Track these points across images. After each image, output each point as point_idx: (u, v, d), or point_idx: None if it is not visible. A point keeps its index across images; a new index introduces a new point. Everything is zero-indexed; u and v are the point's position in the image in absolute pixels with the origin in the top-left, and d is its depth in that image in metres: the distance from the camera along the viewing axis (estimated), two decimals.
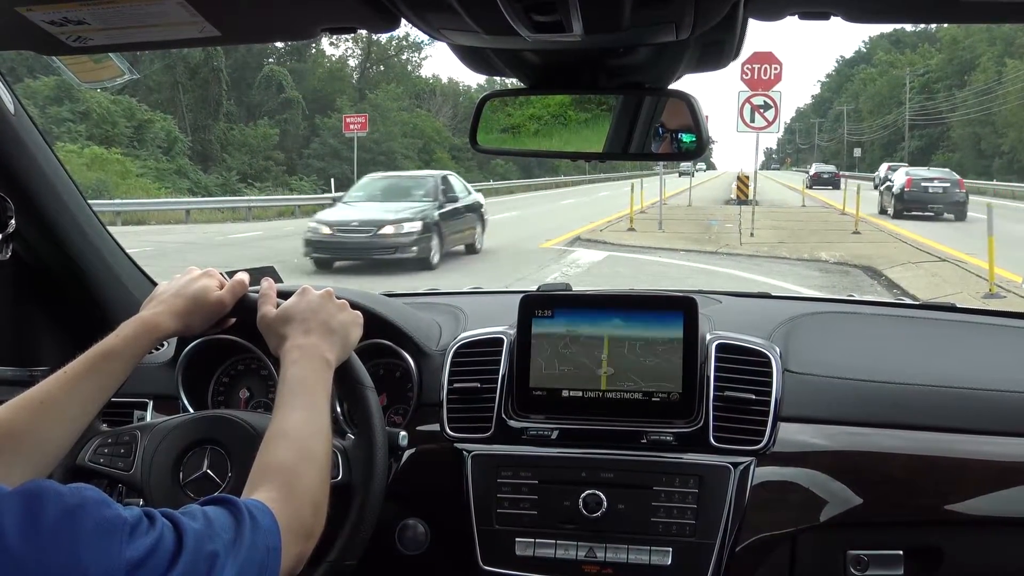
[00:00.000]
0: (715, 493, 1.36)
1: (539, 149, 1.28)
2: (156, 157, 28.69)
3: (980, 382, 1.48)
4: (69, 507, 0.67)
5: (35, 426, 1.04)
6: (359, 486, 1.19)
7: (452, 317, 1.70)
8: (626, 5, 0.92)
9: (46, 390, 1.07)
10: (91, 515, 0.67)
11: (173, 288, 1.21)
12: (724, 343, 1.47)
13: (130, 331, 1.14)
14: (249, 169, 33.51)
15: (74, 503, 0.68)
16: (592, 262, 12.86)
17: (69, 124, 25.66)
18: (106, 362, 1.11)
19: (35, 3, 0.99)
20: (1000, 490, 1.37)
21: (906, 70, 66.71)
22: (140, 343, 1.14)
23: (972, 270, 11.25)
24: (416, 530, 1.47)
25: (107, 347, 1.12)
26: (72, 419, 1.08)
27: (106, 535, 0.67)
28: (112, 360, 1.11)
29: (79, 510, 0.67)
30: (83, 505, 0.68)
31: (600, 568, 1.36)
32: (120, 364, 1.12)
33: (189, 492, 1.22)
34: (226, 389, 1.64)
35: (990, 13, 1.12)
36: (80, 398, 1.08)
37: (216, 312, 1.21)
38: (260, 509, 0.86)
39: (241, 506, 0.84)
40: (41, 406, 1.05)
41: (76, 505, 0.68)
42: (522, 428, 1.47)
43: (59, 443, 1.08)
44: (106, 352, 1.11)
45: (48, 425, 1.05)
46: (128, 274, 1.72)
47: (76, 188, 1.59)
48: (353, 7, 1.01)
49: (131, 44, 1.16)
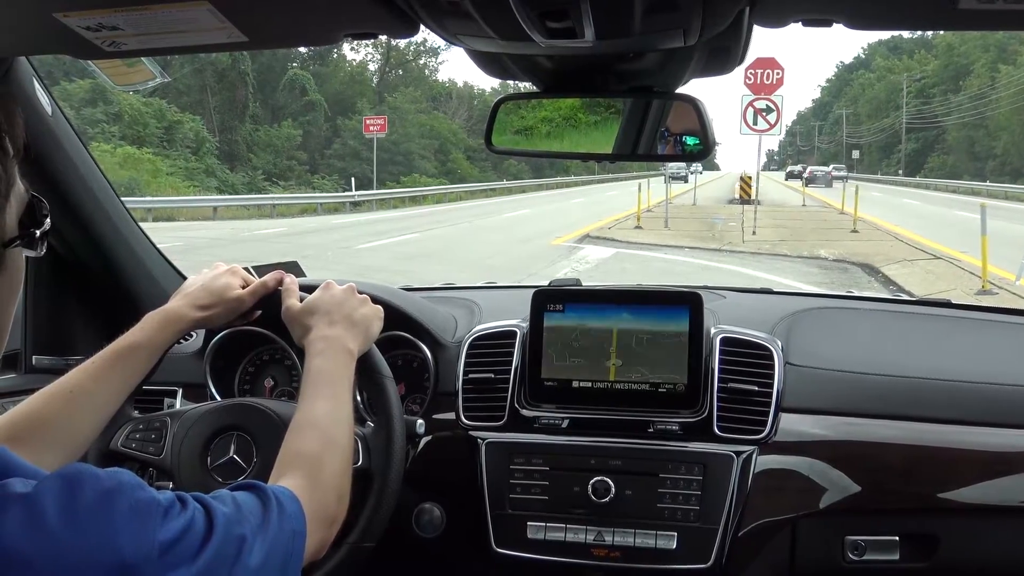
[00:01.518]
0: (719, 480, 1.39)
1: (551, 150, 1.31)
2: (185, 157, 29.26)
3: (973, 375, 1.51)
4: (106, 489, 0.68)
5: (66, 414, 1.08)
6: (378, 471, 1.23)
7: (467, 310, 1.73)
8: (636, 12, 0.94)
9: (76, 380, 1.11)
10: (127, 497, 0.68)
11: (199, 282, 1.25)
12: (728, 337, 1.50)
13: (155, 322, 1.18)
14: (274, 168, 34.13)
15: (111, 486, 0.68)
16: (601, 258, 12.87)
17: (103, 125, 26.20)
18: (132, 353, 1.15)
19: (72, 9, 1.02)
20: (992, 479, 1.40)
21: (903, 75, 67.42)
22: (164, 334, 1.18)
23: (966, 267, 11.23)
24: (432, 514, 1.50)
25: (132, 339, 1.16)
26: (100, 407, 1.12)
27: (141, 517, 0.68)
28: (137, 351, 1.15)
29: (116, 493, 0.68)
30: (119, 488, 0.68)
31: (608, 551, 1.39)
32: (145, 355, 1.16)
33: (216, 476, 1.25)
34: (252, 378, 1.68)
35: (986, 20, 1.13)
36: (108, 387, 1.13)
37: (236, 308, 1.25)
38: (287, 495, 0.88)
39: (268, 492, 0.85)
40: (71, 395, 1.09)
41: (113, 488, 0.68)
42: (534, 417, 1.50)
43: (88, 430, 1.12)
44: (132, 344, 1.16)
45: (78, 413, 1.09)
46: (158, 268, 1.77)
47: (110, 186, 1.63)
48: (375, 14, 1.03)
49: (162, 48, 1.19)
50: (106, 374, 1.13)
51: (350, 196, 26.78)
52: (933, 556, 1.41)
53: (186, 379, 1.58)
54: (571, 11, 0.93)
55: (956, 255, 12.64)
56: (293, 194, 28.56)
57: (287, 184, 32.78)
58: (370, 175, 31.78)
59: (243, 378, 1.68)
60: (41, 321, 1.72)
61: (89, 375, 1.12)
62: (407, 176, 37.21)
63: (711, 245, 14.69)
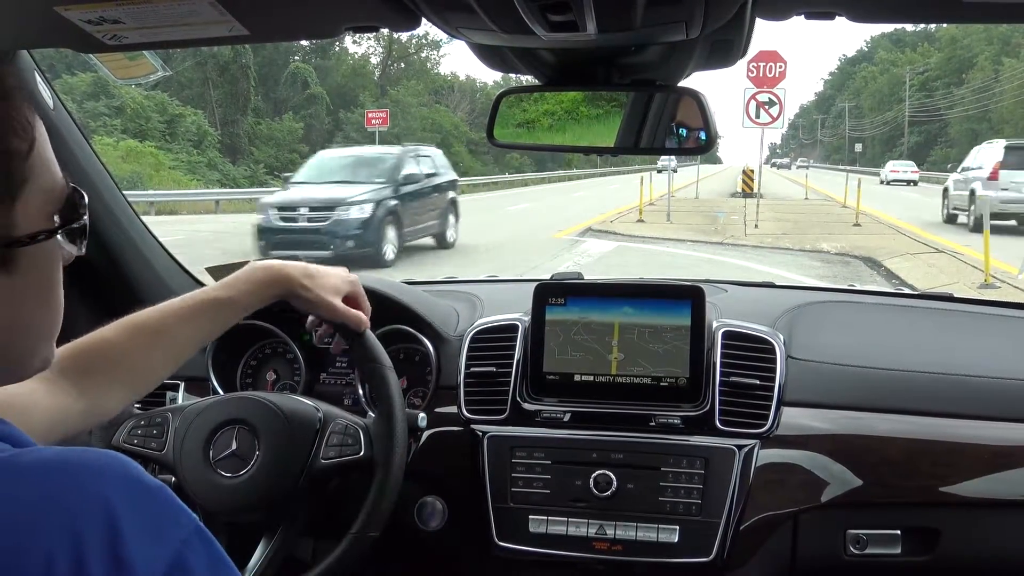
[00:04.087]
0: (720, 474, 1.39)
1: (553, 144, 1.31)
2: (187, 150, 29.35)
3: (975, 369, 1.51)
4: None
5: (146, 353, 1.08)
6: (380, 461, 1.23)
7: (469, 304, 1.74)
8: (638, 5, 0.94)
9: (162, 321, 1.10)
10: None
11: (313, 265, 1.26)
12: (730, 330, 1.50)
13: (256, 281, 1.17)
14: (276, 162, 34.19)
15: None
16: (603, 252, 12.87)
17: (105, 118, 26.27)
18: (224, 306, 1.15)
19: (73, 3, 1.02)
20: (993, 473, 1.40)
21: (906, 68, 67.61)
22: (260, 296, 1.18)
23: (968, 261, 11.23)
24: (434, 507, 1.51)
25: (228, 294, 1.15)
26: (179, 352, 1.12)
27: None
28: (230, 306, 1.15)
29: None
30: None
31: (610, 545, 1.39)
32: (234, 312, 1.16)
33: (219, 469, 1.26)
34: (254, 371, 1.69)
35: (989, 13, 1.13)
36: (193, 334, 1.13)
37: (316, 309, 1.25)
38: None
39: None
40: (156, 336, 1.09)
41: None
42: (536, 411, 1.50)
43: (162, 373, 1.12)
44: (227, 299, 1.15)
45: (159, 354, 1.09)
46: (160, 261, 1.77)
47: (112, 179, 1.63)
48: (376, 7, 1.03)
49: (164, 42, 1.19)
50: (195, 321, 1.12)
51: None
52: (934, 550, 1.42)
53: (189, 373, 1.58)
54: (573, 4, 0.93)
55: (959, 248, 12.64)
56: None
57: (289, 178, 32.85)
58: None
59: (245, 372, 1.69)
60: None
61: (178, 320, 1.11)
62: None
63: (713, 238, 14.68)
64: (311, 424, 1.28)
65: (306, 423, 1.28)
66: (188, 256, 1.86)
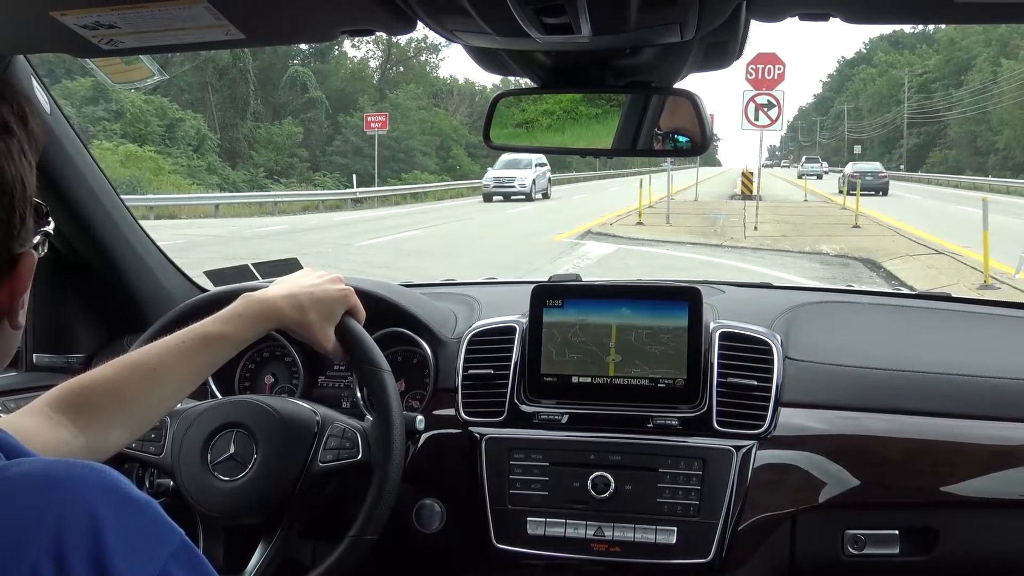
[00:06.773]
0: (718, 475, 1.39)
1: (551, 145, 1.31)
2: (187, 154, 29.55)
3: (974, 369, 1.51)
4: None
5: (145, 391, 1.07)
6: (378, 465, 1.23)
7: (467, 306, 1.73)
8: (632, 7, 0.94)
9: (159, 359, 1.09)
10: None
11: (308, 284, 1.25)
12: (727, 331, 1.50)
13: (250, 316, 1.17)
14: (275, 166, 34.50)
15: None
16: (602, 254, 12.90)
17: (104, 123, 26.45)
18: (218, 341, 1.14)
19: (69, 8, 1.02)
20: (992, 473, 1.40)
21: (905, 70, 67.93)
22: (255, 329, 1.18)
23: (967, 262, 11.25)
24: (432, 510, 1.50)
25: (223, 330, 1.14)
26: (176, 391, 1.11)
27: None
28: (224, 342, 1.15)
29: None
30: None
31: (608, 546, 1.39)
32: (231, 347, 1.16)
33: (217, 473, 1.26)
34: (252, 375, 1.69)
35: (985, 14, 1.13)
36: (189, 371, 1.11)
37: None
38: None
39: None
40: (154, 373, 1.08)
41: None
42: (533, 413, 1.50)
43: (160, 411, 1.12)
44: (221, 335, 1.14)
45: (157, 391, 1.08)
46: (160, 266, 1.77)
47: (109, 184, 1.63)
48: (371, 10, 1.03)
49: (160, 47, 1.19)
50: (192, 357, 1.11)
51: (352, 193, 26.96)
52: (933, 549, 1.41)
53: None
54: (567, 7, 0.93)
55: (958, 250, 12.65)
56: (295, 191, 28.85)
57: (289, 181, 33.06)
58: (372, 172, 31.98)
59: (243, 375, 1.69)
60: (42, 319, 1.73)
61: (176, 356, 1.10)
62: (408, 173, 37.39)
63: (713, 241, 14.72)
64: (309, 427, 1.28)
65: (304, 426, 1.28)
66: (188, 261, 1.86)
